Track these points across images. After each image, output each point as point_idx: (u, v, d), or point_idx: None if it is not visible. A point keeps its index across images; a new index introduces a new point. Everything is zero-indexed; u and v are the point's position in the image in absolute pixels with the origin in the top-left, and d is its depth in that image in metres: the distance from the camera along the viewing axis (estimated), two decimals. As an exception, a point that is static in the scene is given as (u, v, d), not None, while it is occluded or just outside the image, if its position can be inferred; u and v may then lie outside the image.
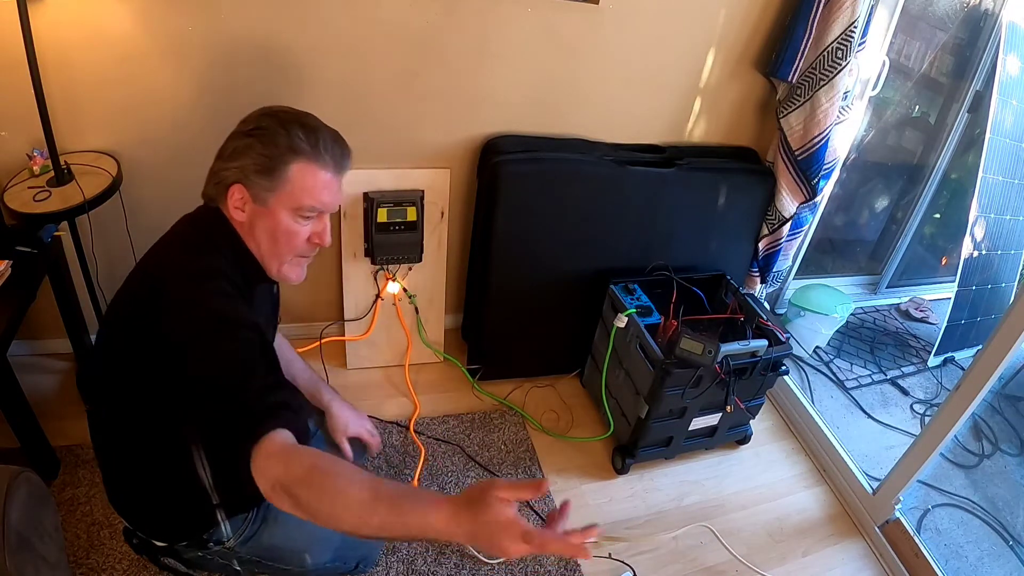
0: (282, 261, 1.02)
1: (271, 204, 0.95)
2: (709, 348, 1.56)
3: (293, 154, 0.93)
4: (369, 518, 0.74)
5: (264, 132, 0.94)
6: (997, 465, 2.18)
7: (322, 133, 0.97)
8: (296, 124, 0.95)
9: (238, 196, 0.96)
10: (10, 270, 1.39)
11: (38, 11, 1.32)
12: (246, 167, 0.94)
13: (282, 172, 0.94)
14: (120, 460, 1.03)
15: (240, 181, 0.95)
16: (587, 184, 1.77)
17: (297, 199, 0.95)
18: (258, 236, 0.99)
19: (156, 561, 1.14)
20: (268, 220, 0.97)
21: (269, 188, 0.94)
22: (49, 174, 1.46)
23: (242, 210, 0.97)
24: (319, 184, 0.96)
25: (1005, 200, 2.41)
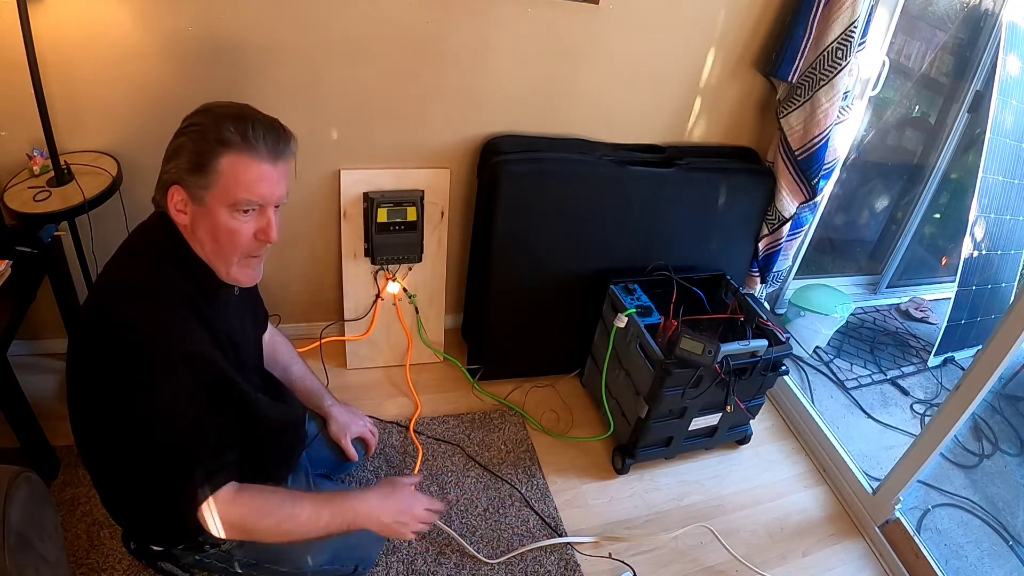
0: (229, 262, 0.97)
1: (208, 202, 0.91)
2: (709, 348, 1.56)
3: (223, 147, 0.89)
4: (316, 524, 1.00)
5: (195, 128, 0.91)
6: (997, 465, 2.18)
7: (254, 122, 0.92)
8: (227, 117, 0.91)
9: (177, 197, 0.93)
10: (10, 270, 1.39)
11: (38, 11, 1.32)
12: (180, 166, 0.91)
13: (213, 167, 0.90)
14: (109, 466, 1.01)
15: (177, 182, 0.92)
16: (587, 184, 1.77)
17: (232, 194, 0.91)
18: (201, 237, 0.95)
19: (153, 566, 1.13)
20: (208, 219, 0.93)
21: (204, 185, 0.91)
22: (49, 174, 1.46)
23: (184, 212, 0.93)
24: (253, 176, 0.92)
25: (1005, 200, 2.41)
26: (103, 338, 0.88)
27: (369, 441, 1.50)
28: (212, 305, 0.99)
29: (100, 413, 0.92)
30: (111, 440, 0.95)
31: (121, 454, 0.95)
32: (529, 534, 1.62)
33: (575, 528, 1.66)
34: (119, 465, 0.98)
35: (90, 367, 0.91)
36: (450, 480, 1.72)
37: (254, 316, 1.24)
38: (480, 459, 1.79)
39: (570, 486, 1.77)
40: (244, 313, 1.15)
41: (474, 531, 1.60)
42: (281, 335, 1.44)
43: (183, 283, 0.95)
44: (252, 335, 1.20)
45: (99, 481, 1.04)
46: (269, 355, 1.38)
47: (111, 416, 0.91)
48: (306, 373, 1.45)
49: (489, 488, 1.72)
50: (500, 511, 1.66)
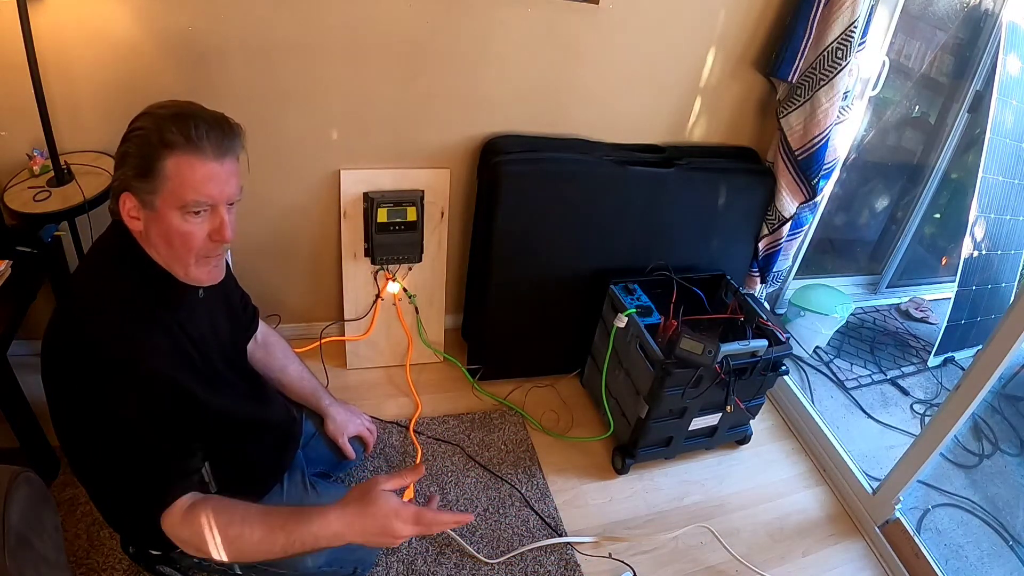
0: (186, 264, 0.95)
1: (158, 207, 0.89)
2: (709, 348, 1.56)
3: (166, 149, 0.87)
4: (271, 549, 0.90)
5: (139, 132, 0.89)
6: (997, 465, 2.18)
7: (196, 120, 0.89)
8: (168, 118, 0.88)
9: (129, 204, 0.91)
10: (10, 270, 1.39)
11: (38, 11, 1.32)
12: (127, 173, 0.89)
13: (159, 170, 0.87)
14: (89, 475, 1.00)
15: (126, 189, 0.90)
16: (587, 184, 1.77)
17: (180, 196, 0.88)
18: (156, 242, 0.93)
19: (152, 569, 1.13)
20: (159, 224, 0.91)
21: (151, 190, 0.88)
22: (49, 174, 1.46)
23: (137, 218, 0.91)
24: (200, 176, 0.89)
25: (1005, 200, 2.41)
26: (67, 356, 0.88)
27: (367, 439, 1.50)
28: (174, 310, 0.98)
29: (74, 427, 0.93)
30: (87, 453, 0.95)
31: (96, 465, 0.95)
32: (529, 534, 1.62)
33: (575, 528, 1.66)
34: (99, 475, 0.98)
35: (59, 383, 0.90)
36: (450, 480, 1.72)
37: (230, 315, 1.20)
38: (480, 459, 1.79)
39: (570, 486, 1.77)
40: (215, 314, 1.12)
41: (474, 531, 1.60)
42: (276, 335, 1.43)
43: (142, 293, 0.93)
44: (228, 336, 1.16)
45: (91, 490, 1.04)
46: (264, 357, 1.38)
47: (82, 430, 0.91)
48: (303, 373, 1.44)
49: (489, 488, 1.72)
50: (500, 511, 1.66)
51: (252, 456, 1.16)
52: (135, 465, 0.90)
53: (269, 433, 1.22)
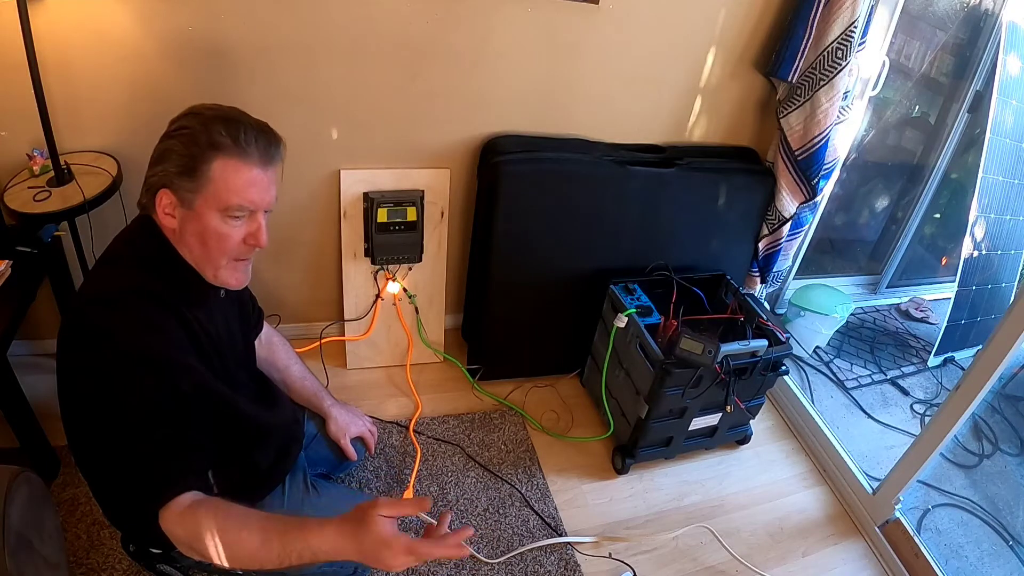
0: (217, 266, 0.96)
1: (197, 206, 0.90)
2: (709, 348, 1.56)
3: (214, 150, 0.88)
4: (266, 558, 0.85)
5: (185, 131, 0.89)
6: (997, 465, 2.18)
7: (245, 126, 0.91)
8: (218, 120, 0.89)
9: (166, 201, 0.91)
10: (10, 270, 1.39)
11: (38, 11, 1.32)
12: (169, 170, 0.89)
13: (204, 171, 0.88)
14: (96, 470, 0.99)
15: (166, 185, 0.90)
16: (587, 184, 1.77)
17: (223, 199, 0.90)
18: (189, 241, 0.94)
19: (153, 568, 1.13)
20: (196, 223, 0.91)
21: (193, 189, 0.89)
22: (49, 174, 1.46)
23: (172, 216, 0.92)
24: (244, 181, 0.90)
25: (1005, 200, 2.41)
26: (82, 345, 0.88)
27: (368, 440, 1.50)
28: (195, 308, 0.98)
29: (83, 418, 0.92)
30: (94, 445, 0.94)
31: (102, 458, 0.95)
32: (529, 534, 1.62)
33: (575, 528, 1.66)
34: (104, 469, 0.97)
35: (71, 373, 0.90)
36: (450, 480, 1.72)
37: (242, 317, 1.21)
38: (480, 459, 1.79)
39: (570, 486, 1.77)
40: (230, 315, 1.12)
41: (474, 531, 1.60)
42: (279, 336, 1.44)
43: (165, 288, 0.93)
44: (240, 337, 1.18)
45: (94, 487, 1.03)
46: (267, 357, 1.38)
47: (91, 421, 0.91)
48: (305, 374, 1.45)
49: (489, 488, 1.72)
50: (500, 511, 1.66)
51: (256, 457, 1.16)
52: (138, 457, 0.88)
53: (274, 435, 1.22)
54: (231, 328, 1.12)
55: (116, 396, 0.86)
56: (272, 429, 1.21)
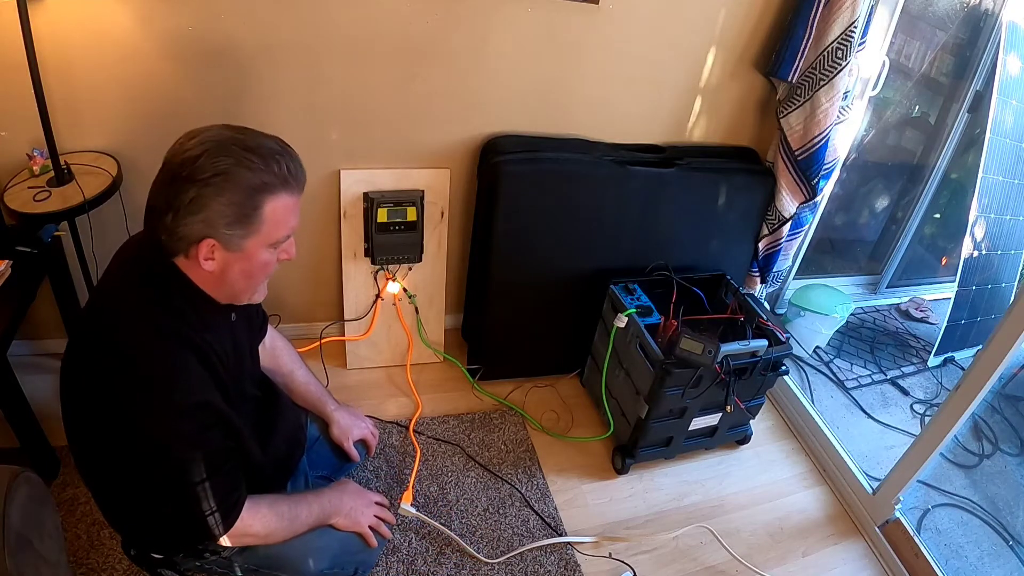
0: (254, 290, 0.99)
1: (247, 247, 0.89)
2: (709, 348, 1.56)
3: (267, 193, 0.86)
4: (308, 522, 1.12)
5: (226, 177, 0.83)
6: (997, 465, 2.18)
7: (284, 157, 0.88)
8: (253, 154, 0.85)
9: (207, 249, 0.87)
10: (10, 270, 1.39)
11: (38, 11, 1.32)
12: (214, 220, 0.85)
13: (257, 216, 0.87)
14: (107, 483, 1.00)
15: (210, 235, 0.86)
16: (587, 184, 1.77)
17: (274, 235, 0.90)
18: (232, 279, 0.93)
19: (153, 572, 1.13)
20: (245, 263, 0.91)
21: (245, 235, 0.88)
22: (49, 174, 1.46)
23: (212, 259, 0.89)
24: (289, 211, 0.91)
25: (1005, 200, 2.41)
26: (109, 366, 0.86)
27: (370, 442, 1.50)
28: (210, 332, 0.97)
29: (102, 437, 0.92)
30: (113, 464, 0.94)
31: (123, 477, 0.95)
32: (529, 534, 1.62)
33: (575, 528, 1.66)
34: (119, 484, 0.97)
35: (93, 390, 0.89)
36: (450, 480, 1.72)
37: (249, 327, 1.22)
38: (480, 459, 1.79)
39: (570, 486, 1.77)
40: (238, 330, 1.12)
41: (474, 531, 1.60)
42: (283, 339, 1.44)
43: (183, 323, 0.92)
44: (247, 347, 1.19)
45: (96, 493, 1.04)
46: (271, 360, 1.38)
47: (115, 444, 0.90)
48: (309, 378, 1.45)
49: (489, 488, 1.72)
50: (500, 511, 1.66)
51: (261, 463, 1.16)
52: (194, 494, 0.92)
53: (280, 442, 1.23)
54: (238, 341, 1.12)
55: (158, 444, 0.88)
56: (278, 435, 1.22)
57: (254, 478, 1.13)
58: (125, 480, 0.95)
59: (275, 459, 1.20)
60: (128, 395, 0.86)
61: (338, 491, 1.22)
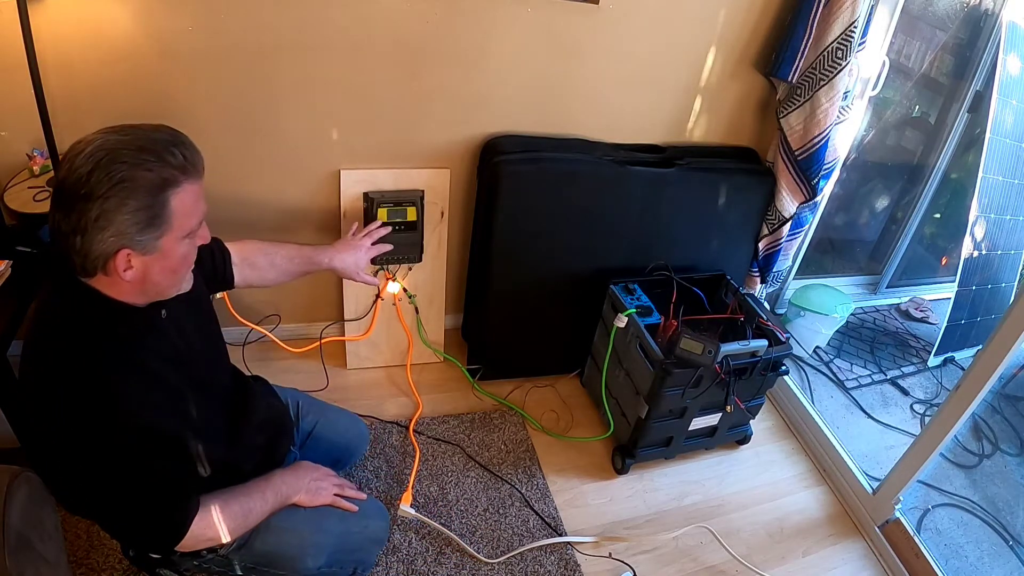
0: (180, 283, 0.97)
1: (163, 246, 0.86)
2: (709, 348, 1.56)
3: (170, 188, 0.84)
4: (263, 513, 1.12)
5: (124, 185, 0.80)
6: (997, 465, 2.18)
7: (178, 147, 0.86)
8: (146, 153, 0.82)
9: (124, 260, 0.84)
10: (10, 270, 1.39)
11: (38, 11, 1.32)
12: (124, 230, 0.82)
13: (165, 214, 0.84)
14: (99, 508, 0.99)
15: (124, 246, 0.83)
16: (587, 184, 1.77)
17: (186, 226, 0.88)
18: (155, 280, 0.90)
19: (152, 572, 1.13)
20: (163, 261, 0.88)
21: (159, 235, 0.85)
22: (49, 174, 1.46)
23: (131, 268, 0.86)
24: (194, 199, 0.88)
25: (1005, 200, 2.41)
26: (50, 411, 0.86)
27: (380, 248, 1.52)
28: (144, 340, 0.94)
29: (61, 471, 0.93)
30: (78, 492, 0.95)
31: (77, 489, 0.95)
32: (529, 534, 1.62)
33: (575, 528, 1.66)
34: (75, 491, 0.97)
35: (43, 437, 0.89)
36: (450, 480, 1.72)
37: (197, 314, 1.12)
38: (480, 459, 1.79)
39: (570, 486, 1.77)
40: (180, 322, 1.04)
41: (474, 531, 1.60)
42: (242, 243, 1.34)
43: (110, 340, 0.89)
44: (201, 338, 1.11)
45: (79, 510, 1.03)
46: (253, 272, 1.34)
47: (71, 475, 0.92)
48: (290, 251, 1.40)
49: (489, 488, 1.72)
50: (500, 511, 1.66)
51: (244, 454, 1.16)
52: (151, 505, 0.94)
53: (258, 430, 1.22)
54: (185, 334, 1.05)
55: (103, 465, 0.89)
56: (255, 423, 1.21)
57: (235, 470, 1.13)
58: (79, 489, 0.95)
59: (251, 449, 1.20)
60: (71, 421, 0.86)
61: (291, 472, 1.20)
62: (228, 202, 1.74)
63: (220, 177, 1.68)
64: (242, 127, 1.62)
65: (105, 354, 0.88)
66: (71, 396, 0.86)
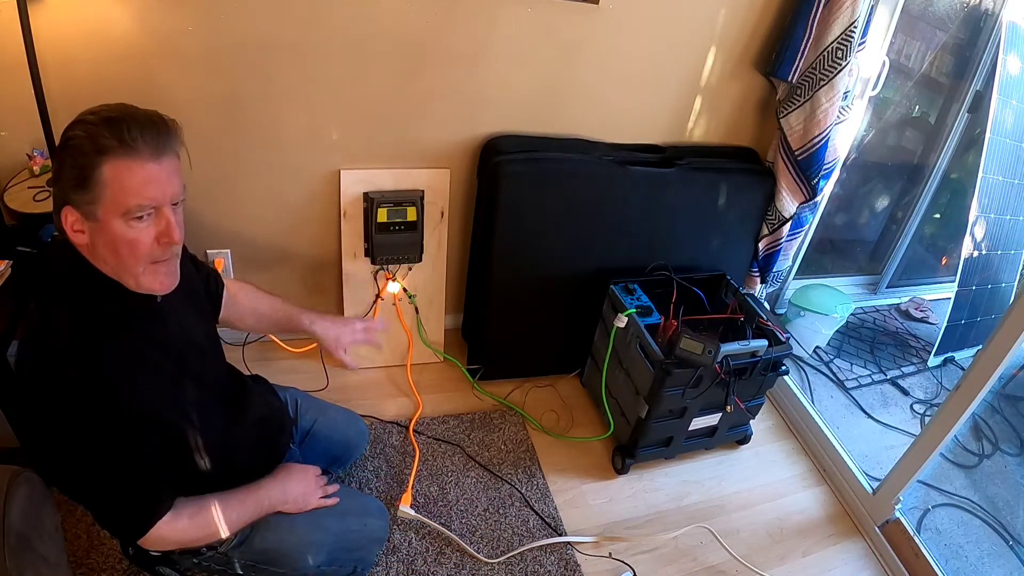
0: (135, 273, 0.91)
1: (101, 216, 0.86)
2: (709, 348, 1.56)
3: (100, 155, 0.83)
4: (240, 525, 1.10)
5: (72, 143, 0.85)
6: (997, 465, 2.18)
7: (129, 122, 0.85)
8: (101, 123, 0.85)
9: (71, 219, 0.87)
10: (10, 270, 1.39)
11: (38, 11, 1.32)
12: (64, 185, 0.85)
13: (96, 178, 0.84)
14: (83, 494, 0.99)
15: (67, 202, 0.86)
16: (587, 184, 1.77)
17: (121, 202, 0.85)
18: (102, 253, 0.90)
19: (152, 570, 1.14)
20: (104, 234, 0.87)
21: (92, 200, 0.85)
22: (49, 174, 1.45)
23: (82, 231, 0.88)
24: (139, 179, 0.86)
25: (1005, 200, 2.41)
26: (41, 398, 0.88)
27: (367, 338, 1.44)
28: (137, 323, 0.95)
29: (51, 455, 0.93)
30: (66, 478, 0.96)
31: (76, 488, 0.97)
32: (529, 534, 1.62)
33: (575, 528, 1.66)
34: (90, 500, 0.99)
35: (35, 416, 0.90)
36: (450, 480, 1.72)
37: (198, 311, 1.16)
38: (480, 459, 1.79)
39: (570, 486, 1.77)
40: (182, 314, 1.07)
41: (474, 531, 1.60)
42: (237, 284, 1.37)
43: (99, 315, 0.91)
44: (199, 330, 1.14)
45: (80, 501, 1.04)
46: (235, 311, 1.34)
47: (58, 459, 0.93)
48: (275, 304, 1.40)
49: (489, 488, 1.72)
50: (500, 511, 1.66)
51: (241, 451, 1.16)
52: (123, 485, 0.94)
53: (255, 427, 1.21)
54: (185, 326, 1.07)
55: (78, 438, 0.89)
56: (250, 421, 1.20)
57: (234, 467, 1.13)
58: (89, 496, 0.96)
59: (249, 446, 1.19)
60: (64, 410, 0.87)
61: (280, 481, 1.18)
62: (228, 202, 1.74)
63: (220, 177, 1.68)
64: (242, 127, 1.62)
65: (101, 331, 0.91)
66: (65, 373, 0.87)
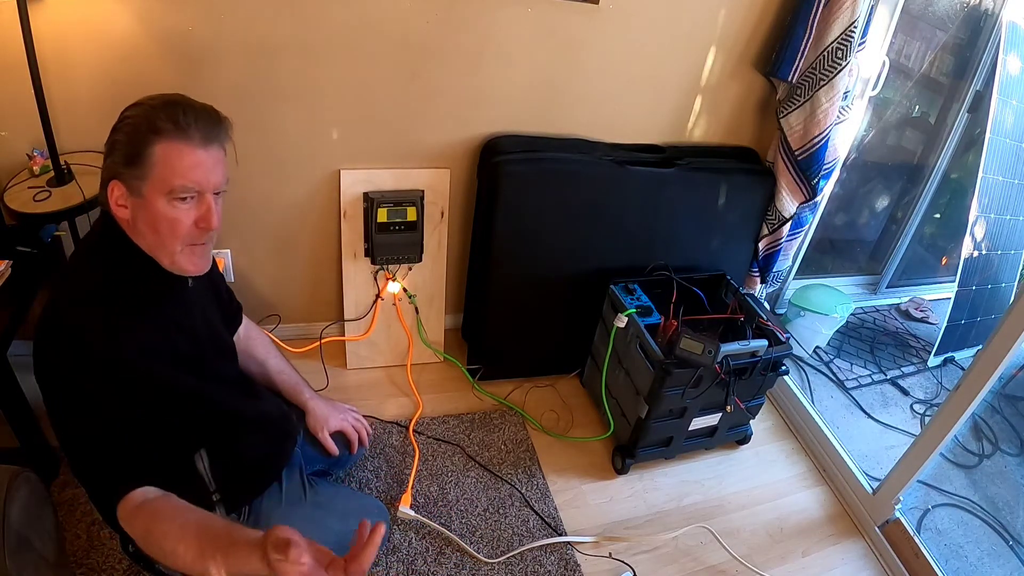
0: (172, 252, 0.96)
1: (146, 193, 0.91)
2: (709, 348, 1.56)
3: (154, 135, 0.89)
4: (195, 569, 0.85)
5: (129, 121, 0.91)
6: (997, 465, 2.18)
7: (185, 108, 0.91)
8: (158, 107, 0.90)
9: (117, 193, 0.93)
10: (10, 270, 1.39)
11: (38, 11, 1.32)
12: (116, 161, 0.91)
13: (147, 156, 0.89)
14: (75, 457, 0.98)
15: (115, 176, 0.92)
16: (587, 184, 1.77)
17: (167, 182, 0.90)
18: (142, 230, 0.95)
19: (151, 569, 1.13)
20: (147, 211, 0.92)
21: (140, 176, 0.90)
22: (49, 174, 1.46)
23: (125, 206, 0.93)
24: (187, 163, 0.91)
25: (1005, 200, 2.41)
26: (50, 345, 0.90)
27: (350, 435, 1.45)
28: (165, 301, 1.00)
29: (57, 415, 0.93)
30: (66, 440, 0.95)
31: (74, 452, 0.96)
32: (529, 534, 1.62)
33: (575, 528, 1.66)
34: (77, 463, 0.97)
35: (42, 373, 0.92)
36: (450, 480, 1.72)
37: (220, 309, 1.21)
38: (480, 459, 1.79)
39: (570, 486, 1.77)
40: (206, 306, 1.13)
41: (474, 531, 1.60)
42: (257, 329, 1.43)
43: (130, 286, 0.95)
44: (219, 327, 1.18)
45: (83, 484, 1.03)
46: (245, 350, 1.37)
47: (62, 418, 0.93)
48: (284, 367, 1.43)
49: (489, 488, 1.72)
50: (500, 511, 1.66)
51: (247, 452, 1.16)
52: (96, 452, 0.92)
53: (263, 428, 1.22)
54: (209, 319, 1.12)
55: (78, 393, 0.90)
56: (259, 421, 1.21)
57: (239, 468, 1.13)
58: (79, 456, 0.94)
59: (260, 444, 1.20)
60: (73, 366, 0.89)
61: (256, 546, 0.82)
62: (228, 202, 1.73)
63: (220, 177, 1.68)
64: (242, 127, 1.60)
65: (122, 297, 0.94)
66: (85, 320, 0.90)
